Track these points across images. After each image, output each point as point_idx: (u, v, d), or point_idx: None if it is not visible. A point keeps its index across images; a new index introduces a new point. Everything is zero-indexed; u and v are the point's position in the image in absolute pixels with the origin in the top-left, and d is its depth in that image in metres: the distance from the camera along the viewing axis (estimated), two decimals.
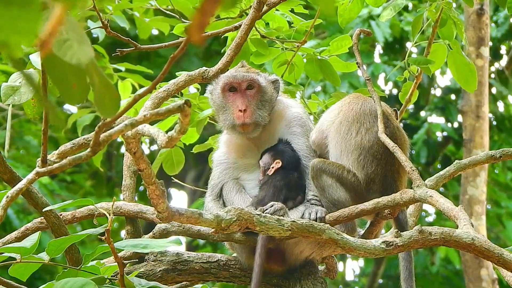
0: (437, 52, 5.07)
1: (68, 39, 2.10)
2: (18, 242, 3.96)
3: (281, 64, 5.14)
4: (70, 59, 2.09)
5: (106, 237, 3.11)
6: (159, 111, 2.80)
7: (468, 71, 5.04)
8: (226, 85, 4.43)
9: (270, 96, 4.47)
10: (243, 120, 4.36)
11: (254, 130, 4.41)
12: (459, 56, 5.03)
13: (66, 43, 2.10)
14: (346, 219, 4.15)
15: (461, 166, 4.12)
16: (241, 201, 4.34)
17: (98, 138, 2.66)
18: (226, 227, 3.45)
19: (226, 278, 4.32)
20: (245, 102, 4.38)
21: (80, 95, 2.23)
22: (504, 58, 13.07)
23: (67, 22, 2.11)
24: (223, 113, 4.44)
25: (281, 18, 5.17)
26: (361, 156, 4.24)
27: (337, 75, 5.21)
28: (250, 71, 4.48)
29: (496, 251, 3.54)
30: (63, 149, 4.10)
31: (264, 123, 4.43)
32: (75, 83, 2.20)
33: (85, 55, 2.10)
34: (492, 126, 12.47)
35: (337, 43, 5.17)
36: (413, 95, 5.15)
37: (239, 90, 4.43)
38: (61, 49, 2.10)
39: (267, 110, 4.44)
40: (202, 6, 1.81)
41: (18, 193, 3.03)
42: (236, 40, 4.69)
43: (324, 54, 5.18)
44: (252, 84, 4.43)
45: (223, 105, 4.45)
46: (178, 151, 5.38)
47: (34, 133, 12.55)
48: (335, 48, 5.18)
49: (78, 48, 2.10)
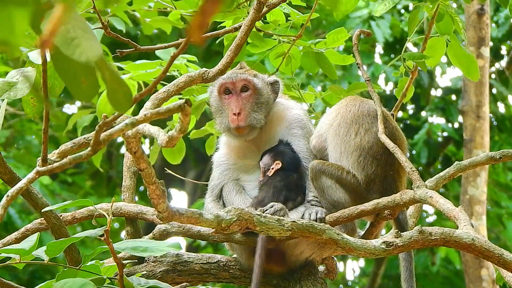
0: (435, 46, 5.07)
1: (76, 37, 2.09)
2: (17, 243, 3.96)
3: (278, 56, 5.14)
4: (79, 57, 2.08)
5: (105, 238, 3.10)
6: (159, 111, 2.79)
7: (469, 61, 5.07)
8: (221, 87, 4.44)
9: (266, 98, 4.46)
10: (237, 123, 4.36)
11: (249, 133, 4.41)
12: (458, 49, 5.04)
13: (73, 41, 2.09)
14: (346, 219, 4.15)
15: (461, 167, 4.12)
16: (241, 202, 4.34)
17: (99, 137, 2.66)
18: (226, 227, 3.45)
19: (226, 279, 4.32)
20: (239, 105, 4.38)
21: (90, 91, 2.23)
22: (504, 58, 13.07)
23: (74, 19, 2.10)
24: (220, 116, 4.45)
25: (279, 10, 5.15)
26: (361, 157, 4.23)
27: (333, 68, 5.21)
28: (246, 73, 4.48)
29: (496, 252, 3.54)
30: (64, 148, 4.10)
31: (260, 126, 4.42)
32: (84, 79, 2.20)
33: (94, 52, 2.09)
34: (493, 126, 12.47)
35: (333, 36, 5.16)
36: (409, 91, 5.16)
37: (234, 92, 4.43)
38: (69, 48, 2.09)
39: (263, 112, 4.43)
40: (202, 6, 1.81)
41: (18, 192, 3.03)
42: (236, 41, 4.68)
43: (320, 47, 5.17)
44: (247, 85, 4.43)
45: (219, 108, 4.46)
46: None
47: (35, 133, 12.55)
48: (332, 41, 5.17)
49: (86, 45, 2.09)
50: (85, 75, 2.19)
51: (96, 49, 2.10)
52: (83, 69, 2.17)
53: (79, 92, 2.22)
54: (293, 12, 5.16)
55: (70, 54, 2.08)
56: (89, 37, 2.11)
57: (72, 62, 2.12)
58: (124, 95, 2.28)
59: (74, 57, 2.08)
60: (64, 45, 2.08)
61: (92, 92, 2.23)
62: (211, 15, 1.83)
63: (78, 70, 2.18)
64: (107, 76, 2.22)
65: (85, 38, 2.10)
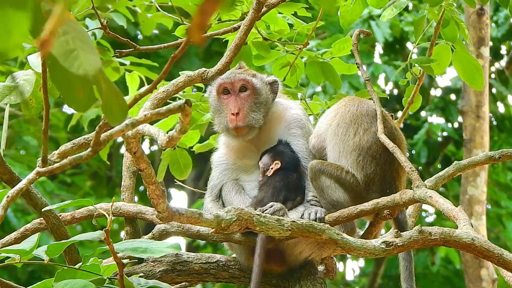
0: (441, 53, 5.04)
1: (75, 49, 2.06)
2: (17, 243, 3.96)
3: (283, 66, 5.13)
4: (77, 70, 2.05)
5: (105, 238, 3.10)
6: (159, 111, 2.79)
7: (474, 69, 5.03)
8: (220, 87, 4.45)
9: (265, 98, 4.46)
10: (236, 123, 4.36)
11: (248, 133, 4.41)
12: (464, 55, 5.01)
13: (72, 53, 2.06)
14: (345, 219, 4.15)
15: (461, 167, 4.12)
16: (240, 201, 4.34)
17: (99, 138, 2.67)
18: (226, 227, 3.45)
19: (226, 279, 4.32)
20: (238, 105, 4.39)
21: (86, 101, 2.20)
22: (504, 58, 13.07)
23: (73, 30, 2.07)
24: (218, 116, 4.46)
25: (282, 20, 5.15)
26: (360, 157, 4.23)
27: (339, 78, 5.20)
28: (245, 73, 4.48)
29: (496, 251, 3.54)
30: (64, 149, 4.10)
31: (258, 126, 4.42)
32: (81, 89, 2.18)
33: (92, 65, 2.07)
34: (493, 126, 12.47)
35: (339, 45, 5.16)
36: (416, 99, 5.11)
37: (233, 92, 4.43)
38: (67, 60, 2.06)
39: (262, 112, 4.43)
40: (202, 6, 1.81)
41: (18, 193, 3.03)
42: (235, 41, 4.69)
43: (326, 56, 5.17)
44: (245, 86, 4.43)
45: (218, 108, 4.46)
46: (184, 154, 5.32)
47: (33, 134, 12.54)
48: (337, 50, 5.17)
49: (84, 58, 2.06)
50: (82, 84, 2.17)
51: (95, 62, 2.08)
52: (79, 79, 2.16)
53: (75, 101, 2.21)
54: (297, 22, 5.16)
55: (69, 66, 2.05)
56: (88, 49, 2.09)
57: (69, 72, 2.10)
58: (119, 107, 2.27)
59: (72, 69, 2.05)
60: (63, 56, 2.05)
61: (88, 102, 2.20)
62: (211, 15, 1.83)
63: (74, 79, 2.16)
64: (103, 88, 2.21)
65: (84, 50, 2.07)
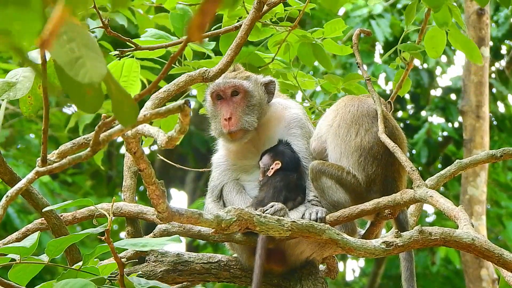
0: (436, 37, 5.09)
1: (80, 56, 2.03)
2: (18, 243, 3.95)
3: (276, 44, 5.16)
4: (83, 78, 2.01)
5: (106, 237, 3.10)
6: (159, 111, 2.79)
7: (471, 46, 5.12)
8: (213, 93, 4.47)
9: (258, 100, 4.47)
10: (229, 128, 4.38)
11: (242, 137, 4.42)
12: (459, 35, 5.06)
13: (78, 61, 2.03)
14: (346, 219, 4.15)
15: (462, 166, 4.12)
16: (241, 201, 4.34)
17: (98, 138, 2.66)
18: (226, 227, 3.44)
19: (227, 279, 4.32)
20: (230, 110, 4.41)
21: (95, 102, 2.18)
22: (504, 58, 13.07)
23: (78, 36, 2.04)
24: (214, 121, 4.49)
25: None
26: (362, 158, 4.23)
27: (329, 59, 5.23)
28: (237, 77, 4.49)
29: (496, 252, 3.54)
30: (63, 149, 4.10)
31: (253, 128, 4.43)
32: (89, 90, 2.16)
33: (98, 73, 2.04)
34: (493, 126, 12.47)
35: (331, 26, 5.18)
36: (405, 84, 5.18)
37: (225, 97, 4.45)
38: (73, 68, 2.01)
39: (256, 114, 4.44)
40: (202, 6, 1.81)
41: (18, 192, 3.03)
42: (236, 40, 4.68)
43: (317, 36, 5.18)
44: (237, 90, 4.45)
45: (213, 113, 4.49)
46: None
47: (35, 132, 12.54)
48: (329, 31, 5.18)
49: (90, 66, 2.02)
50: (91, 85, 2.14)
51: (101, 69, 2.04)
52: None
53: (83, 103, 2.19)
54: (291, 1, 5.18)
55: (74, 75, 2.01)
56: (94, 56, 2.05)
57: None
58: (129, 108, 2.25)
59: (78, 78, 2.01)
60: (68, 65, 2.02)
61: (97, 103, 2.18)
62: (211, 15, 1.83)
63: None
64: (113, 89, 2.19)
65: (90, 58, 2.04)
